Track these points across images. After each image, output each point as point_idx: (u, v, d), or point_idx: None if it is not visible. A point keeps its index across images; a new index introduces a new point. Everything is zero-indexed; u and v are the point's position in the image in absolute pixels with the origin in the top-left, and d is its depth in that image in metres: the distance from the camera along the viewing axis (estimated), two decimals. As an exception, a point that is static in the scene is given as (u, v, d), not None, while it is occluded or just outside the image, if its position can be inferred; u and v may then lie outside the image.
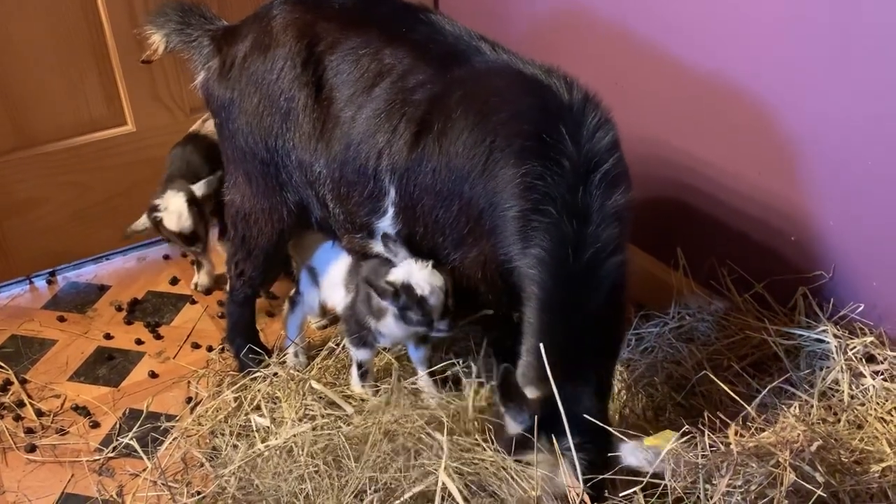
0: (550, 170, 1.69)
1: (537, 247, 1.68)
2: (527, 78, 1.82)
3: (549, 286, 1.68)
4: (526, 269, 1.71)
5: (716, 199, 2.34)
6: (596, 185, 1.69)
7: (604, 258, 1.67)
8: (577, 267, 1.67)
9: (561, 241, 1.67)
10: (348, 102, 1.93)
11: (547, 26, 2.71)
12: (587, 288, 1.68)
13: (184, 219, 2.55)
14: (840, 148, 2.01)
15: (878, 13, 1.83)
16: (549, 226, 1.68)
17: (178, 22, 2.18)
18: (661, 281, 2.47)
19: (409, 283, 1.90)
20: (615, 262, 1.69)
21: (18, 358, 2.57)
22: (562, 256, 1.67)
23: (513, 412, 1.69)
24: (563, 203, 1.67)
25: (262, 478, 1.86)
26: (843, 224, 2.07)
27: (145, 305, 2.81)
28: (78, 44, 2.74)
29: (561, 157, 1.69)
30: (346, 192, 2.00)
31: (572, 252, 1.66)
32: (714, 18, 2.19)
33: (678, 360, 2.18)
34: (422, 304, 1.90)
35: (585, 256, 1.67)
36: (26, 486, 2.13)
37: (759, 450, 1.53)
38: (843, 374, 1.96)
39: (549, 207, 1.67)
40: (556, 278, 1.68)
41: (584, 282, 1.68)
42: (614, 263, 1.68)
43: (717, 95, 2.23)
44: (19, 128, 2.74)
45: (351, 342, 2.16)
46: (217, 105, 2.13)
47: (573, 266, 1.66)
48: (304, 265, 2.34)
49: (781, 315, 2.19)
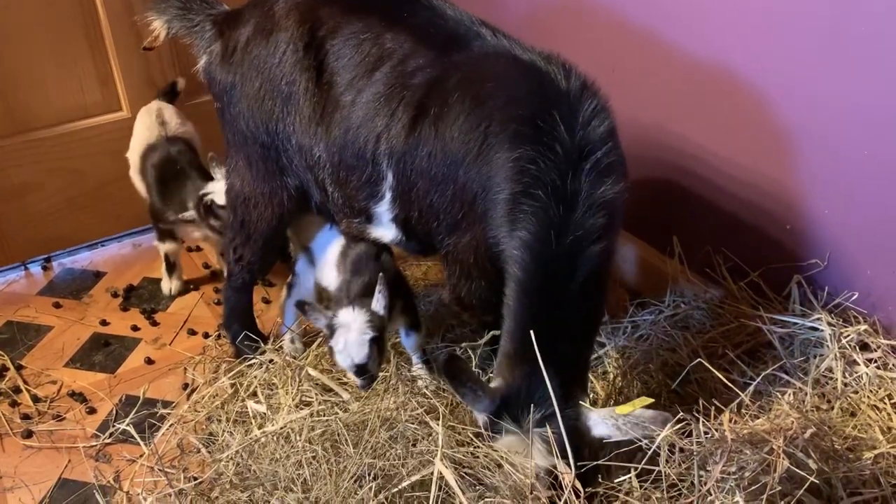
0: (543, 155, 1.70)
1: (524, 230, 1.70)
2: (524, 64, 1.82)
3: (531, 268, 1.70)
4: (511, 251, 1.73)
5: (712, 186, 2.34)
6: (586, 172, 1.70)
7: (585, 245, 1.69)
8: (559, 251, 1.68)
9: (546, 225, 1.68)
10: (349, 87, 1.93)
11: (545, 11, 2.71)
12: (566, 272, 1.69)
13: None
14: (836, 136, 2.02)
15: (876, 1, 1.83)
16: (538, 209, 1.69)
17: (180, 8, 2.18)
18: (656, 269, 2.48)
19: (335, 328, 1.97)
20: (596, 249, 1.70)
21: (14, 344, 2.57)
22: (545, 240, 1.68)
23: (469, 399, 1.70)
24: (552, 188, 1.69)
25: (260, 463, 1.87)
26: (838, 213, 2.08)
27: (141, 292, 2.81)
28: (72, 29, 2.73)
29: (554, 142, 1.70)
30: (344, 177, 2.00)
31: (555, 236, 1.67)
32: (712, 6, 2.19)
33: (673, 348, 2.20)
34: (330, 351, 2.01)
35: (566, 241, 1.68)
36: (23, 472, 2.14)
37: (752, 437, 1.55)
38: (837, 361, 1.97)
39: (538, 192, 1.69)
40: (538, 261, 1.69)
41: (564, 266, 1.69)
42: (595, 251, 1.70)
43: (714, 83, 2.24)
44: (13, 113, 2.74)
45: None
46: (219, 89, 2.13)
47: (555, 250, 1.68)
48: (301, 247, 2.34)
49: (776, 303, 2.20)
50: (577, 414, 1.66)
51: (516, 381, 1.69)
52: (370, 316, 1.96)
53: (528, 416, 1.63)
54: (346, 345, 1.95)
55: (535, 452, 1.61)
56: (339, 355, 1.98)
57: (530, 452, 1.61)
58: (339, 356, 1.98)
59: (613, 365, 2.20)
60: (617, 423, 1.61)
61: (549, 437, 1.62)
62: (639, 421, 1.60)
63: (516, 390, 1.68)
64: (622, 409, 1.61)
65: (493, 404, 1.68)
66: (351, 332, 1.95)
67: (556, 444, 1.60)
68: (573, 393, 1.70)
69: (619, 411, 1.61)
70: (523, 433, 1.64)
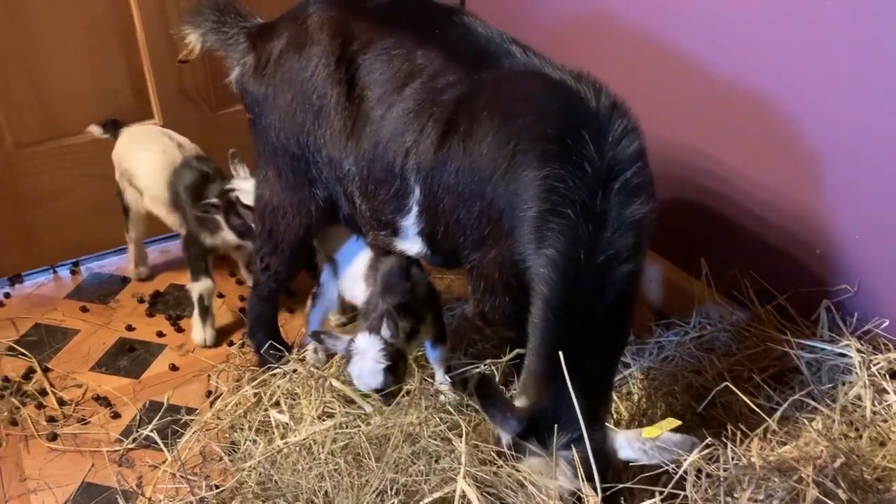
0: (572, 173, 1.69)
1: (551, 247, 1.69)
2: (554, 82, 1.82)
3: (558, 287, 1.69)
4: (537, 269, 1.72)
5: (740, 208, 2.33)
6: (616, 192, 1.69)
7: (615, 265, 1.68)
8: (588, 270, 1.67)
9: (574, 244, 1.68)
10: (379, 101, 1.95)
11: (570, 30, 2.71)
12: (594, 292, 1.68)
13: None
14: (868, 160, 2.00)
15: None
16: (566, 228, 1.68)
17: (215, 21, 2.20)
18: (682, 290, 2.47)
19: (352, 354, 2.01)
20: (625, 270, 1.69)
21: (41, 346, 2.60)
22: (573, 258, 1.67)
23: (498, 421, 1.69)
24: (581, 207, 1.68)
25: (281, 474, 1.87)
26: (869, 238, 2.05)
27: (167, 298, 2.84)
28: (108, 38, 2.78)
29: (583, 161, 1.70)
30: (373, 190, 2.02)
31: (584, 255, 1.67)
32: (743, 26, 2.18)
33: (698, 370, 2.18)
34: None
35: (597, 261, 1.67)
36: (47, 475, 2.16)
37: (781, 464, 1.53)
38: (866, 389, 1.94)
39: (567, 210, 1.68)
40: (565, 279, 1.69)
41: (592, 286, 1.68)
42: (624, 271, 1.69)
43: (745, 104, 2.22)
44: (48, 119, 2.78)
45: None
46: (251, 100, 2.15)
47: (583, 269, 1.67)
48: (327, 258, 2.36)
49: (804, 328, 2.17)
50: (603, 437, 1.65)
51: (543, 403, 1.68)
52: (384, 344, 1.98)
53: (554, 439, 1.61)
54: (362, 372, 1.99)
55: (560, 475, 1.60)
56: (356, 381, 2.03)
57: (555, 475, 1.60)
58: (356, 382, 2.03)
59: (638, 386, 2.18)
60: (643, 447, 1.60)
61: (574, 459, 1.61)
62: (665, 445, 1.58)
63: (542, 412, 1.67)
64: (649, 431, 1.60)
65: (520, 426, 1.67)
66: (366, 360, 1.98)
67: (582, 468, 1.59)
68: (599, 415, 1.69)
69: (645, 434, 1.60)
70: (549, 455, 1.63)
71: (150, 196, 2.65)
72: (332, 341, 2.07)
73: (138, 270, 2.90)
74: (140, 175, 2.65)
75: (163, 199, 2.62)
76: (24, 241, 2.87)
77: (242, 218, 2.44)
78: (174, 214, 2.63)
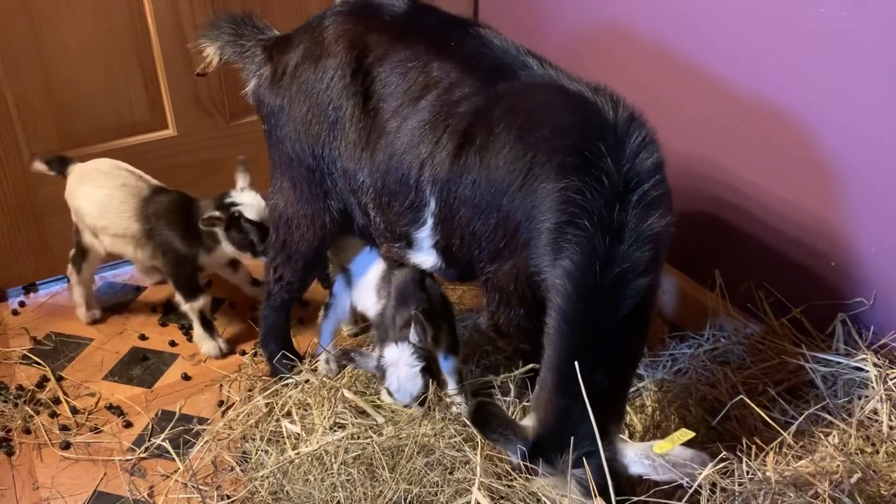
0: (589, 185, 1.69)
1: (567, 259, 1.68)
2: (571, 94, 1.82)
3: (574, 299, 1.68)
4: (553, 280, 1.72)
5: (755, 220, 2.32)
6: (633, 205, 1.69)
7: (630, 278, 1.67)
8: (603, 283, 1.66)
9: (591, 256, 1.67)
10: (394, 113, 1.95)
11: (585, 42, 2.72)
12: (609, 305, 1.68)
13: (262, 207, 2.43)
14: (884, 173, 1.99)
15: (929, 40, 1.81)
16: (582, 240, 1.68)
17: (231, 34, 2.21)
18: (696, 301, 2.45)
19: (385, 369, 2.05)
20: (642, 283, 1.68)
21: (56, 355, 2.61)
22: (589, 271, 1.67)
23: (502, 445, 1.69)
24: (598, 219, 1.68)
25: (293, 484, 1.87)
26: (886, 251, 2.04)
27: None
28: (124, 48, 2.80)
29: (601, 173, 1.69)
30: (387, 202, 2.02)
31: (600, 268, 1.66)
32: (756, 37, 2.18)
33: (712, 383, 2.16)
34: (388, 391, 2.08)
35: (612, 273, 1.66)
36: (60, 483, 2.16)
37: (797, 479, 1.51)
38: (883, 403, 1.93)
39: (584, 222, 1.68)
40: (581, 292, 1.68)
41: (607, 298, 1.67)
42: (641, 285, 1.68)
43: (760, 116, 2.22)
44: (64, 129, 2.80)
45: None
46: (267, 112, 2.16)
47: (599, 282, 1.66)
48: (340, 268, 2.36)
49: (819, 341, 2.16)
50: (612, 452, 1.64)
51: (549, 420, 1.67)
52: (413, 349, 2.01)
53: (563, 457, 1.61)
54: (400, 381, 2.02)
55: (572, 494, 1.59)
56: (396, 394, 2.04)
57: (567, 493, 1.59)
58: (398, 395, 2.04)
59: (652, 398, 2.17)
60: (654, 463, 1.58)
61: (585, 478, 1.59)
62: (677, 461, 1.57)
63: (548, 430, 1.66)
64: (661, 446, 1.58)
65: (525, 446, 1.66)
66: (400, 368, 2.01)
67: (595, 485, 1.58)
68: (608, 429, 1.67)
69: (657, 449, 1.58)
70: (559, 474, 1.62)
71: (110, 235, 2.55)
72: (363, 360, 2.10)
73: (90, 313, 2.75)
74: (95, 214, 2.54)
75: (131, 233, 2.53)
76: (39, 251, 2.90)
77: (244, 233, 2.42)
78: (145, 247, 2.54)
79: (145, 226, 2.52)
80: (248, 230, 2.42)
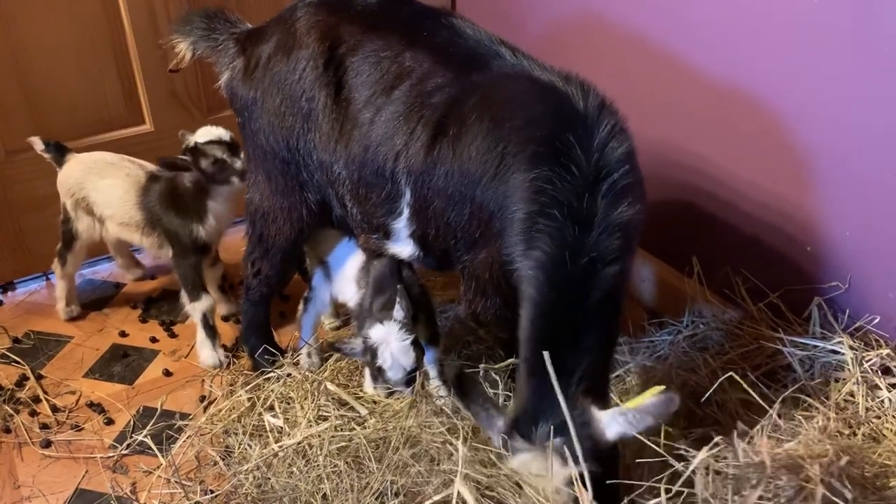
0: (559, 175, 1.70)
1: (538, 249, 1.69)
2: (543, 84, 1.83)
3: (545, 288, 1.69)
4: (525, 271, 1.73)
5: (731, 207, 2.34)
6: (603, 193, 1.70)
7: (600, 267, 1.68)
8: (574, 272, 1.67)
9: (561, 246, 1.68)
10: (367, 104, 1.95)
11: (562, 30, 2.72)
12: (580, 293, 1.69)
13: (217, 131, 2.42)
14: (857, 158, 2.01)
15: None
16: (553, 230, 1.69)
17: (204, 29, 2.20)
18: (675, 288, 2.48)
19: (375, 348, 2.02)
20: (612, 271, 1.69)
21: (35, 353, 2.59)
22: (560, 261, 1.68)
23: (483, 419, 1.70)
24: (569, 209, 1.68)
25: (278, 477, 1.87)
26: (860, 235, 2.06)
27: (160, 304, 2.83)
28: (99, 44, 2.78)
29: (570, 163, 1.70)
30: (364, 193, 2.02)
31: (570, 257, 1.67)
32: (731, 25, 2.19)
33: (692, 368, 2.18)
34: (380, 371, 2.05)
35: (581, 262, 1.67)
36: (41, 482, 2.15)
37: (788, 462, 1.52)
38: (859, 386, 1.95)
39: (554, 212, 1.69)
40: (552, 282, 1.69)
41: (578, 287, 1.68)
42: (610, 273, 1.69)
43: (734, 103, 2.23)
44: (39, 125, 2.77)
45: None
46: (240, 105, 2.16)
47: (570, 271, 1.67)
48: (318, 261, 2.36)
49: (796, 325, 2.18)
50: (585, 418, 1.65)
51: (526, 400, 1.69)
52: (400, 324, 2.02)
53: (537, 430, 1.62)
54: (393, 356, 2.01)
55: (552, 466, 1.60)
56: (389, 371, 2.03)
57: (546, 467, 1.60)
58: (391, 372, 2.04)
59: (634, 382, 2.19)
60: (627, 417, 1.60)
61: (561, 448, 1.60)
62: (648, 410, 1.59)
63: (524, 407, 1.68)
64: (631, 403, 1.60)
65: (504, 422, 1.68)
66: (391, 343, 2.01)
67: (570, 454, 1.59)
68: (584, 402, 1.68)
69: (629, 405, 1.60)
70: (536, 448, 1.63)
71: (117, 223, 2.57)
72: (349, 347, 2.10)
73: (69, 309, 2.74)
74: (103, 203, 2.56)
75: (135, 222, 2.54)
76: (17, 249, 2.87)
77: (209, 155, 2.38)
78: (150, 235, 2.55)
79: (146, 215, 2.54)
80: (210, 150, 2.39)
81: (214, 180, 2.44)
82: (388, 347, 2.01)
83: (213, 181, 2.44)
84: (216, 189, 2.47)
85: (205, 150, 2.40)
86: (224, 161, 2.40)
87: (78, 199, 2.60)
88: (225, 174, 2.42)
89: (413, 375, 2.04)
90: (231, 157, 2.41)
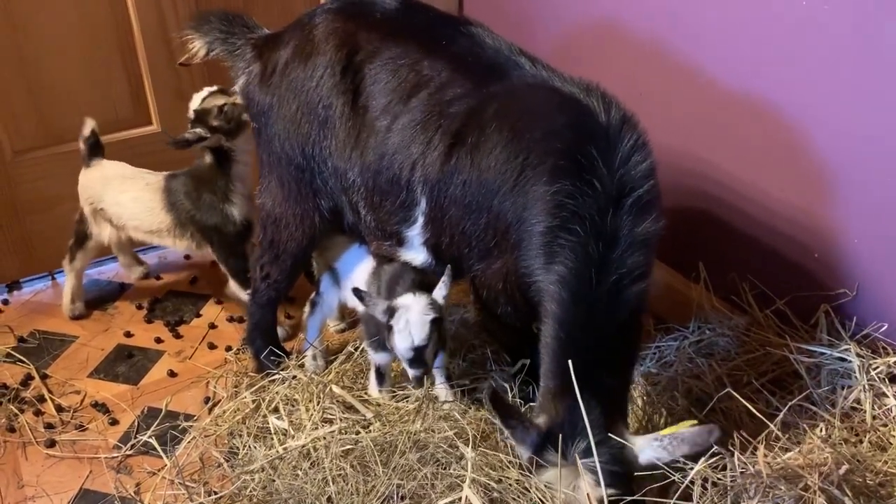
0: (581, 190, 1.68)
1: (561, 265, 1.68)
2: (564, 95, 1.81)
3: (569, 306, 1.68)
4: (547, 286, 1.71)
5: (739, 213, 2.33)
6: (627, 210, 1.68)
7: (627, 284, 1.67)
8: (600, 290, 1.66)
9: (585, 262, 1.66)
10: (384, 112, 1.94)
11: (573, 38, 2.72)
12: (606, 312, 1.68)
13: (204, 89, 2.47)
14: (866, 165, 2.00)
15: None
16: (576, 245, 1.67)
17: (222, 31, 2.20)
18: (681, 294, 2.47)
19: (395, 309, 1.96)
20: (637, 289, 1.68)
21: (40, 353, 2.59)
22: (585, 277, 1.66)
23: (518, 436, 1.69)
24: (591, 224, 1.67)
25: (283, 479, 1.87)
26: (868, 242, 2.06)
27: (165, 304, 2.83)
28: (106, 44, 2.78)
29: (593, 178, 1.68)
30: (378, 201, 2.01)
31: (595, 275, 1.66)
32: (743, 34, 2.19)
33: (697, 375, 2.17)
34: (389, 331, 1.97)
35: (609, 280, 1.66)
36: (45, 481, 2.15)
37: (787, 472, 1.52)
38: (866, 394, 1.95)
39: (576, 227, 1.67)
40: (577, 299, 1.67)
41: (604, 306, 1.67)
42: (636, 291, 1.68)
43: (745, 111, 2.23)
44: (46, 125, 2.78)
45: (369, 345, 2.17)
46: (256, 110, 2.15)
47: (595, 289, 1.66)
48: (327, 266, 2.35)
49: (803, 332, 2.17)
50: (620, 442, 1.64)
51: (560, 415, 1.67)
52: (431, 300, 1.97)
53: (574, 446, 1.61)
54: (408, 324, 1.94)
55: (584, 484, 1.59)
56: (398, 335, 1.95)
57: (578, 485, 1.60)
58: (399, 336, 1.95)
59: (640, 391, 2.18)
60: (662, 444, 1.59)
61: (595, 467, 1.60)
62: (686, 438, 1.58)
63: (560, 422, 1.66)
64: (667, 430, 1.60)
65: (539, 439, 1.66)
66: (412, 312, 1.94)
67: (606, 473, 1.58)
68: (616, 423, 1.68)
69: (664, 433, 1.60)
70: (569, 464, 1.62)
71: (145, 231, 2.60)
72: (373, 300, 2.00)
73: (74, 306, 2.74)
74: (127, 216, 2.58)
75: (165, 227, 2.56)
76: (23, 248, 2.87)
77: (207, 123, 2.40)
78: (183, 237, 2.57)
79: (175, 216, 2.55)
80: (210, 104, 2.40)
81: (232, 133, 2.43)
82: (408, 313, 1.94)
83: (232, 134, 2.44)
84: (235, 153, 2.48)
85: (205, 108, 2.41)
86: (230, 106, 2.39)
87: (97, 209, 2.62)
88: (237, 117, 2.41)
89: (424, 364, 1.98)
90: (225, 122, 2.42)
